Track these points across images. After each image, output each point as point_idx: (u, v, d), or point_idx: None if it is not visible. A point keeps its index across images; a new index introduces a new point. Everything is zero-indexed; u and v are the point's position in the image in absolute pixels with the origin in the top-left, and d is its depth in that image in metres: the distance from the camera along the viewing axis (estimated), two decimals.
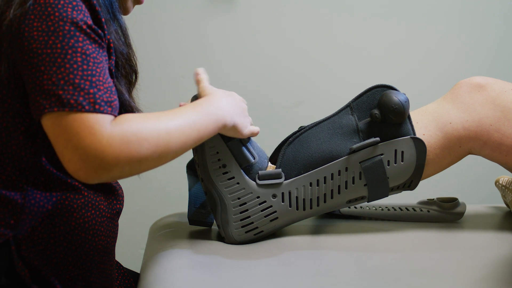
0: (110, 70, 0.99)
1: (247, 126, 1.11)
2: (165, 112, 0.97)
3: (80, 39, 0.90)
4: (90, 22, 0.92)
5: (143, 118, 0.93)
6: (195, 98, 1.12)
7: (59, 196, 0.98)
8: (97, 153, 0.87)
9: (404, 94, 1.18)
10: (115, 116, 0.92)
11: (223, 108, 1.05)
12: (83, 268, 1.01)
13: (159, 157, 0.93)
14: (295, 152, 1.18)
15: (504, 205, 1.45)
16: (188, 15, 2.16)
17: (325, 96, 2.23)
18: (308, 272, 1.02)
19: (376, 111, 1.17)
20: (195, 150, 1.15)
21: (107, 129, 0.88)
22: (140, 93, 1.17)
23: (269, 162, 1.21)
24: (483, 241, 1.19)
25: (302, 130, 1.20)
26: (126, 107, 1.05)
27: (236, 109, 1.08)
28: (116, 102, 0.92)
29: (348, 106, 1.20)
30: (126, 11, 1.11)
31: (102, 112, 0.89)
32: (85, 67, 0.89)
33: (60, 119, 0.88)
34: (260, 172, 1.15)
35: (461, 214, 1.30)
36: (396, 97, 1.16)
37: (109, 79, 0.93)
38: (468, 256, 1.09)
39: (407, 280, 0.99)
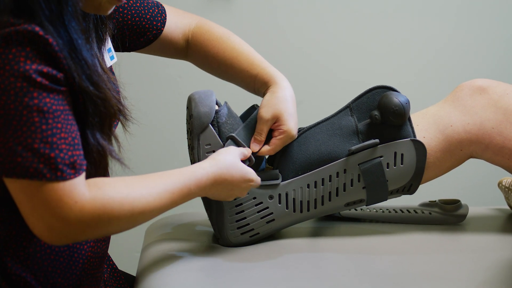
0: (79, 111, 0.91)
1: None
2: (149, 185, 0.93)
3: (35, 94, 0.83)
4: (46, 69, 0.84)
5: (120, 195, 0.89)
6: (190, 100, 1.13)
7: None
8: (64, 228, 0.85)
9: (405, 95, 1.17)
10: (80, 174, 0.87)
11: (206, 193, 1.03)
12: (72, 277, 0.99)
13: (123, 229, 0.92)
14: (293, 153, 1.17)
15: (507, 207, 1.44)
16: None
17: (325, 96, 2.24)
18: (307, 275, 1.01)
19: (376, 113, 1.16)
20: (191, 148, 1.15)
21: (76, 203, 0.85)
22: (137, 93, 1.16)
23: (266, 163, 1.20)
24: (486, 243, 1.18)
25: (300, 131, 1.19)
26: (97, 152, 0.94)
27: (221, 193, 1.06)
28: (81, 157, 0.87)
29: (347, 107, 1.19)
30: (101, 10, 0.96)
31: (64, 178, 0.84)
32: (43, 127, 0.83)
33: (22, 186, 0.84)
34: (256, 173, 1.13)
35: (464, 216, 1.30)
36: (397, 99, 1.15)
37: (72, 128, 0.87)
38: (471, 259, 1.08)
39: (409, 283, 0.98)
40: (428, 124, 1.20)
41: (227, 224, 1.13)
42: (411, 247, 1.16)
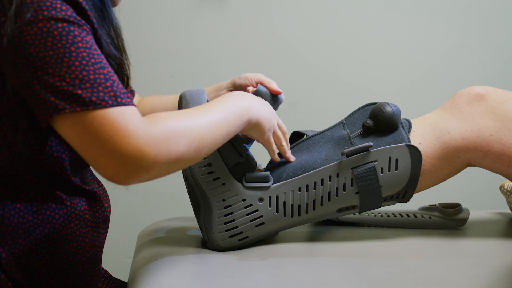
0: None
1: (269, 130, 1.10)
2: (193, 109, 0.97)
3: (77, 33, 0.87)
4: (78, 17, 0.89)
5: (175, 115, 0.92)
6: (181, 98, 1.12)
7: (39, 206, 0.95)
8: (136, 155, 0.84)
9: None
10: (134, 106, 0.89)
11: (249, 103, 1.05)
12: (66, 283, 0.98)
13: (194, 154, 0.92)
14: None
15: (509, 211, 1.44)
16: (177, 13, 2.17)
17: (319, 97, 2.25)
18: (304, 281, 0.99)
19: (368, 120, 1.18)
20: None
21: (141, 128, 0.85)
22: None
23: (258, 165, 1.20)
24: (487, 248, 1.17)
25: (292, 145, 1.20)
26: None
27: (263, 108, 1.08)
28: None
29: (340, 122, 1.21)
30: (113, 2, 1.07)
31: (125, 104, 0.86)
32: (92, 60, 0.87)
33: (85, 120, 0.85)
34: (247, 174, 1.13)
35: (464, 220, 1.29)
36: (387, 104, 1.17)
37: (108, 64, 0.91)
38: (472, 264, 1.07)
39: None
40: (424, 131, 1.19)
41: (215, 226, 1.12)
42: (410, 252, 1.15)
